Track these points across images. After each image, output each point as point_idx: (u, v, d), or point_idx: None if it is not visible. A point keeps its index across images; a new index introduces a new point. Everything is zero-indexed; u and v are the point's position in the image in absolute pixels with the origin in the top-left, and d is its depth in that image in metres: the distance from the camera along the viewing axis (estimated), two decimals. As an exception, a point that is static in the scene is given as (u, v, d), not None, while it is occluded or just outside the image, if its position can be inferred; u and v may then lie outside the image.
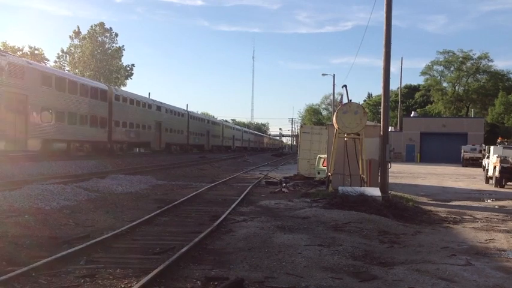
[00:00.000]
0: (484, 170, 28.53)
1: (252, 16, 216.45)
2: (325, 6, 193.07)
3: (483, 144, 45.14)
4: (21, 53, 57.37)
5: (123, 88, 56.46)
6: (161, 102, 44.71)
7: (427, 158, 55.46)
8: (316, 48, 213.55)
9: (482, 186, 24.35)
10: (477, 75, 76.27)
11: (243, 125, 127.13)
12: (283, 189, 18.68)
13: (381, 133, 17.23)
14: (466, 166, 44.80)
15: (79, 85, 29.23)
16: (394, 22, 17.08)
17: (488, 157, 26.45)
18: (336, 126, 16.25)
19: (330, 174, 16.79)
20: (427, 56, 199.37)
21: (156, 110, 42.63)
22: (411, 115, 65.56)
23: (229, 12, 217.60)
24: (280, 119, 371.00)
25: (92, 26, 65.00)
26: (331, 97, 75.72)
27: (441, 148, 56.43)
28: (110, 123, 32.63)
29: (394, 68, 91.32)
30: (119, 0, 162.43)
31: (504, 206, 16.29)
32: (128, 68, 68.42)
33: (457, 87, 77.40)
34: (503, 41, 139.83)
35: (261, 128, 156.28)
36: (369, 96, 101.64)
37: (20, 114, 22.74)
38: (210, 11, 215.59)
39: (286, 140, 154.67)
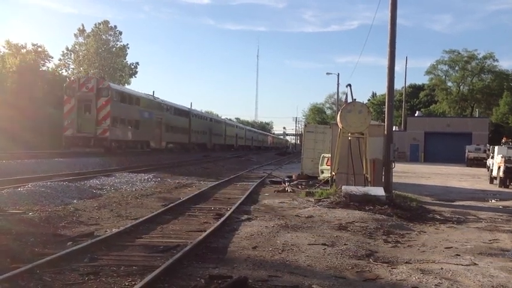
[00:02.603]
0: (488, 170, 28.44)
1: (257, 15, 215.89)
2: (331, 5, 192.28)
3: (487, 144, 44.98)
4: (24, 50, 57.42)
5: (127, 86, 57.39)
6: (212, 114, 64.83)
7: (431, 157, 55.23)
8: (321, 47, 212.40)
9: (486, 186, 24.26)
10: (482, 75, 75.92)
11: (247, 123, 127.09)
12: (287, 188, 18.67)
13: (385, 132, 17.18)
14: (470, 166, 44.58)
15: (179, 110, 47.46)
16: (399, 21, 17.05)
17: (492, 157, 26.36)
18: (340, 125, 16.20)
19: (333, 173, 16.77)
20: (432, 56, 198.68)
21: (209, 120, 60.17)
22: (415, 114, 65.30)
23: (235, 11, 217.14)
24: (284, 118, 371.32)
25: (95, 24, 65.02)
26: (335, 96, 75.65)
27: (445, 148, 56.13)
28: (189, 131, 49.82)
29: (398, 67, 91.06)
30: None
31: (508, 206, 16.23)
32: (132, 66, 68.41)
33: (461, 87, 77.11)
34: (509, 40, 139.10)
35: (265, 127, 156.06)
36: (373, 95, 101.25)
37: (158, 129, 40.55)
38: (216, 10, 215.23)
39: (290, 139, 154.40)
